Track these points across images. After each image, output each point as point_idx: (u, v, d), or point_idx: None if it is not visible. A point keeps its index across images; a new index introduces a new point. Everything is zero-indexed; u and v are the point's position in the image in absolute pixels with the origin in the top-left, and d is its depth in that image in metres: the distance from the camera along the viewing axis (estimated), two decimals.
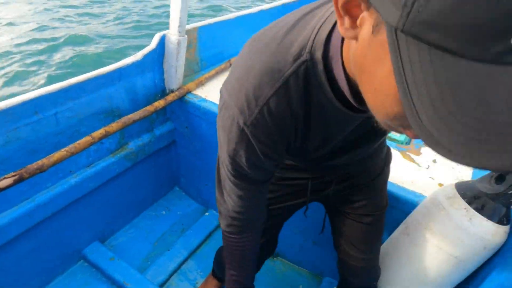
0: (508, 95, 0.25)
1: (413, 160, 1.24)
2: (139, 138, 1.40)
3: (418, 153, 1.28)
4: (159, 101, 1.32)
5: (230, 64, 1.69)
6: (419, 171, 1.20)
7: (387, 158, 0.92)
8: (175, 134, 1.57)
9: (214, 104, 1.39)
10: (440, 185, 1.15)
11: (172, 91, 1.41)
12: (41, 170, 0.94)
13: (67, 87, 1.05)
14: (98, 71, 1.16)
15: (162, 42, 1.32)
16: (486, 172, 0.88)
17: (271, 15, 2.06)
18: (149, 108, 1.27)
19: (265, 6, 2.01)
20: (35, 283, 1.24)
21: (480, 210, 0.81)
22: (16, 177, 0.89)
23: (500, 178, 0.82)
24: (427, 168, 1.22)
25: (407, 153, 1.27)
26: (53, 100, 1.04)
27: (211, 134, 1.44)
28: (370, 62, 0.34)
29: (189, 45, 1.44)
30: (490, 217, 0.81)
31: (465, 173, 1.20)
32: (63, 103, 1.07)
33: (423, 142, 0.32)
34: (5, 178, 0.88)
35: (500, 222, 0.81)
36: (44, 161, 0.95)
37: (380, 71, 0.32)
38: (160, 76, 1.39)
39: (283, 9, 2.17)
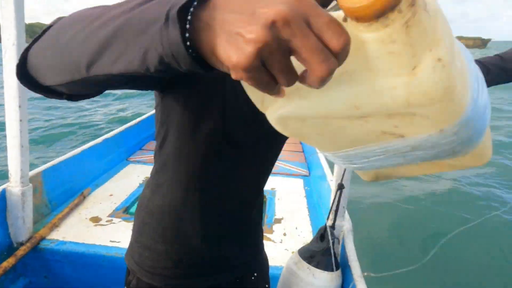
0: None
1: (269, 239, 1.49)
2: None
3: (271, 231, 1.54)
4: (8, 260, 1.21)
5: (84, 197, 1.69)
6: (275, 246, 1.44)
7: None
8: None
9: (75, 243, 1.35)
10: (293, 252, 1.42)
11: (22, 244, 1.31)
12: None
13: None
14: None
15: (3, 196, 1.27)
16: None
17: (117, 140, 2.21)
18: None
19: (110, 134, 2.15)
20: None
21: (317, 265, 1.07)
22: None
23: (322, 238, 1.12)
24: (281, 242, 1.48)
25: (264, 234, 1.52)
26: None
27: (77, 276, 1.36)
28: None
29: (34, 190, 1.41)
30: (325, 268, 1.07)
31: (307, 237, 1.51)
32: None
33: None
34: None
35: (332, 270, 1.08)
36: None
37: None
38: (4, 232, 1.29)
39: (127, 133, 2.35)
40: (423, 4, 0.24)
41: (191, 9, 0.24)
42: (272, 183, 2.04)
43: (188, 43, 0.24)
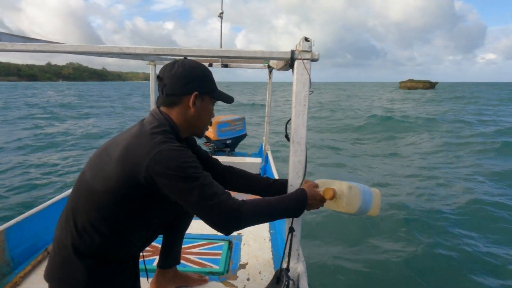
0: None
1: (232, 285, 1.53)
2: None
3: (235, 277, 1.59)
4: None
5: (48, 253, 1.68)
6: None
7: None
8: None
9: None
10: None
11: None
12: None
13: None
14: None
15: None
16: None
17: None
18: None
19: None
20: None
21: None
22: None
23: (278, 280, 1.20)
24: (245, 286, 1.53)
25: (228, 281, 1.57)
26: None
27: None
28: (202, 113, 1.13)
29: None
30: None
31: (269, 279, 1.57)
32: None
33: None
34: None
35: None
36: None
37: (205, 113, 1.15)
38: None
39: None
40: (340, 192, 1.20)
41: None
42: None
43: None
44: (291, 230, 1.24)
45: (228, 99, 1.19)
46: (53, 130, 12.59)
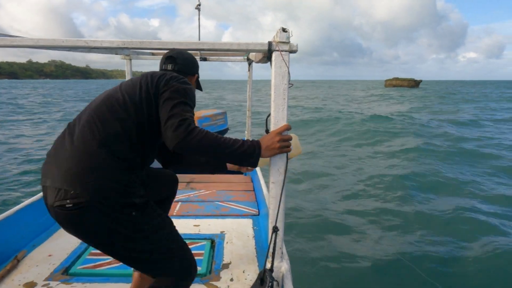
0: None
1: (215, 286, 1.48)
2: None
3: (218, 278, 1.54)
4: None
5: (18, 260, 1.59)
6: None
7: None
8: None
9: None
10: None
11: None
12: None
13: None
14: None
15: None
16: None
17: None
18: None
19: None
20: None
21: None
22: None
23: (261, 281, 1.16)
24: (228, 287, 1.48)
25: (210, 282, 1.51)
26: None
27: None
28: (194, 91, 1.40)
29: None
30: None
31: (253, 278, 1.53)
32: None
33: None
34: None
35: None
36: None
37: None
38: None
39: None
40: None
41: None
42: (221, 226, 2.05)
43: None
44: (275, 229, 1.20)
45: (201, 88, 1.59)
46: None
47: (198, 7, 2.89)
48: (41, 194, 1.98)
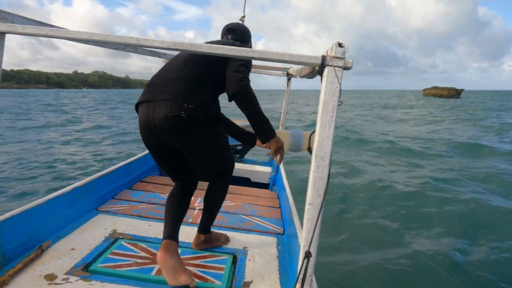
0: None
1: None
2: None
3: None
4: None
5: (42, 250, 1.59)
6: None
7: None
8: None
9: None
10: None
11: None
12: None
13: None
14: None
15: None
16: None
17: (87, 189, 2.14)
18: None
19: (81, 182, 2.08)
20: None
21: None
22: None
23: None
24: None
25: None
26: None
27: None
28: None
29: None
30: None
31: None
32: None
33: None
34: None
35: None
36: None
37: None
38: None
39: (98, 182, 2.29)
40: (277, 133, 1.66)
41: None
42: (244, 241, 1.98)
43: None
44: (308, 254, 1.12)
45: None
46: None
47: (242, 19, 2.92)
48: (69, 188, 2.01)
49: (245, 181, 3.69)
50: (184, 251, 1.78)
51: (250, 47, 1.94)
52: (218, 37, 1.95)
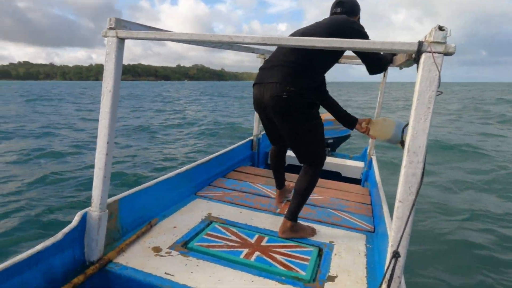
0: None
1: None
2: None
3: None
4: (78, 277, 1.36)
5: (151, 226, 1.84)
6: None
7: None
8: None
9: (135, 270, 1.46)
10: None
11: (92, 263, 1.47)
12: None
13: None
14: (12, 260, 1.19)
15: (84, 219, 1.45)
16: None
17: (187, 175, 2.37)
18: (67, 287, 1.30)
19: (182, 169, 2.33)
20: None
21: None
22: None
23: None
24: None
25: None
26: None
27: None
28: None
29: (110, 216, 1.59)
30: None
31: None
32: None
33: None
34: None
35: None
36: None
37: None
38: (80, 251, 1.46)
39: (197, 169, 2.52)
40: (375, 121, 1.99)
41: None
42: (331, 235, 1.96)
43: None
44: (396, 254, 1.05)
45: None
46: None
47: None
48: (172, 173, 2.25)
49: (335, 176, 3.61)
50: (271, 238, 1.84)
51: (358, 20, 2.00)
52: None
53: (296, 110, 1.74)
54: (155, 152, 7.48)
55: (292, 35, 1.86)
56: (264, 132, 3.92)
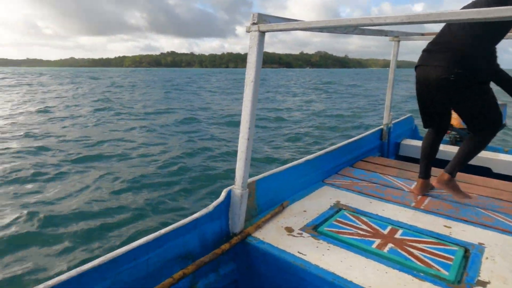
0: None
1: None
2: (206, 277, 1.60)
3: None
4: (225, 244, 1.57)
5: (283, 207, 1.96)
6: None
7: None
8: (237, 274, 1.74)
9: (270, 245, 1.60)
10: None
11: (235, 235, 1.67)
12: None
13: (157, 237, 1.35)
14: (178, 223, 1.47)
15: (229, 195, 1.66)
16: None
17: (316, 162, 2.42)
18: (217, 251, 1.52)
19: (311, 156, 2.39)
20: None
21: None
22: None
23: None
24: None
25: None
26: (145, 248, 1.33)
27: (268, 273, 1.60)
28: None
29: (249, 194, 1.77)
30: None
31: None
32: (153, 250, 1.35)
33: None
34: None
35: None
36: None
37: None
38: (225, 222, 1.68)
39: (325, 157, 2.54)
40: None
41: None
42: (480, 236, 1.71)
43: None
44: None
45: None
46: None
47: None
48: (301, 160, 2.33)
49: (484, 172, 3.11)
50: (406, 232, 1.74)
51: None
52: (453, 7, 1.91)
53: (464, 91, 1.78)
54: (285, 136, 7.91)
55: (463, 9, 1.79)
56: (396, 121, 3.65)
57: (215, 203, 1.62)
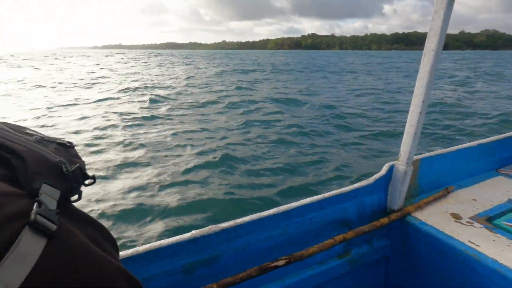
0: None
1: None
2: (360, 247, 1.63)
3: None
4: (384, 218, 1.55)
5: (448, 192, 1.79)
6: None
7: None
8: (389, 250, 1.71)
9: (434, 228, 1.49)
10: None
11: (393, 211, 1.62)
12: (301, 258, 1.28)
13: (321, 199, 1.44)
14: (338, 190, 1.51)
15: (391, 170, 1.61)
16: None
17: (489, 148, 2.09)
18: (376, 224, 1.51)
19: (485, 140, 2.07)
20: None
21: None
22: (287, 260, 1.25)
23: None
24: None
25: None
26: (311, 207, 1.43)
27: (427, 257, 1.51)
28: None
29: (412, 172, 1.67)
30: None
31: None
32: (316, 211, 1.44)
33: None
34: (280, 259, 1.25)
35: None
36: (303, 252, 1.30)
37: None
38: (384, 197, 1.64)
39: (501, 143, 2.16)
40: None
41: None
42: None
43: None
44: None
45: None
46: None
47: None
48: (474, 143, 2.03)
49: None
50: None
51: None
52: None
53: None
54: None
55: None
56: None
57: (376, 175, 1.60)
